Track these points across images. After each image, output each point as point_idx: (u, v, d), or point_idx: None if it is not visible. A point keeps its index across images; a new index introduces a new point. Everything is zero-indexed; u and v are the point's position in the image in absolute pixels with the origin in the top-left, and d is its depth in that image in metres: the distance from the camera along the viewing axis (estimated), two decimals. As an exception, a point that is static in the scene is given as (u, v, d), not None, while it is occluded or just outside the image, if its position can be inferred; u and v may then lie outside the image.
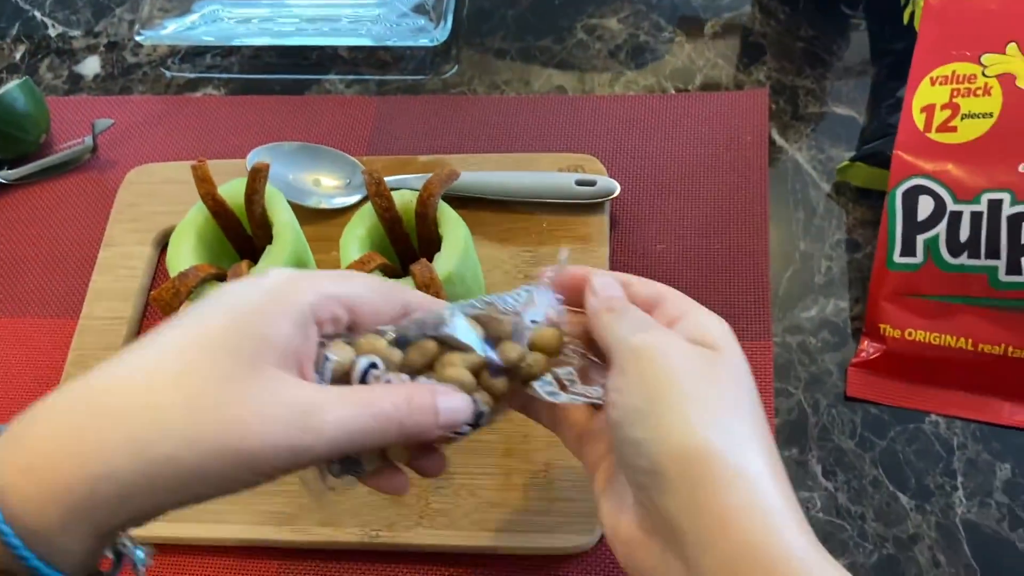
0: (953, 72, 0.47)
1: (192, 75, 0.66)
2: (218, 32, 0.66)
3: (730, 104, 0.58)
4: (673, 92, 0.60)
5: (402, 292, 0.34)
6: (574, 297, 0.36)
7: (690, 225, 0.54)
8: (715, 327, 0.33)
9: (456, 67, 0.64)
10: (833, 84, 0.59)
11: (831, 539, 0.45)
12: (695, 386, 0.30)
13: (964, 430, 0.47)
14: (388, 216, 0.46)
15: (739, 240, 0.54)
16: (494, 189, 0.55)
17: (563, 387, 0.35)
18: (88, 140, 0.61)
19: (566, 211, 0.54)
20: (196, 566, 0.47)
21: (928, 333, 0.46)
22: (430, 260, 0.45)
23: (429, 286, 0.41)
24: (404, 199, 0.46)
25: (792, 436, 0.48)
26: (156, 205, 0.58)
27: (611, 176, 0.55)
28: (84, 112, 0.65)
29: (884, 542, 0.45)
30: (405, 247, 0.49)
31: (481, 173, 0.55)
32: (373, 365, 0.32)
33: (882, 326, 0.47)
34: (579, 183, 0.54)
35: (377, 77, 0.64)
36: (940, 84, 0.47)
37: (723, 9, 0.63)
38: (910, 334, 0.47)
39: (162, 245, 0.57)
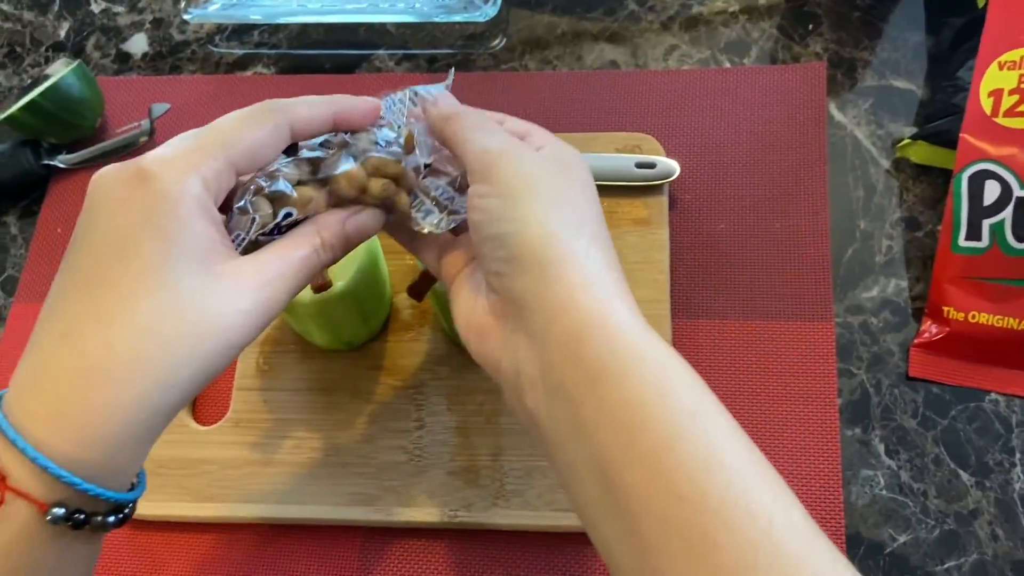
0: (1022, 58, 0.46)
1: (240, 51, 0.66)
2: (265, 9, 0.65)
3: (787, 78, 0.58)
4: (728, 66, 0.60)
5: (276, 113, 0.34)
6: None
7: (749, 204, 0.55)
8: (571, 152, 0.37)
9: (505, 41, 0.64)
10: (891, 56, 0.59)
11: (894, 516, 0.47)
12: (546, 188, 0.34)
13: (1023, 408, 0.48)
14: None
15: (799, 219, 0.54)
16: (554, 171, 0.55)
17: (442, 207, 0.38)
18: (145, 124, 0.62)
19: (624, 193, 0.55)
20: (284, 545, 0.50)
21: (992, 316, 0.47)
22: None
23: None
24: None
25: (855, 416, 0.49)
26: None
27: (667, 154, 0.56)
28: (136, 93, 0.65)
29: (945, 518, 0.47)
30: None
31: (540, 155, 0.56)
32: (288, 214, 0.35)
33: (945, 308, 0.48)
34: (639, 165, 0.54)
35: (427, 52, 0.64)
36: (1008, 69, 0.47)
37: (778, -23, 0.62)
38: (973, 317, 0.48)
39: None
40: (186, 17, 0.66)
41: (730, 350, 0.51)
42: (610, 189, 0.55)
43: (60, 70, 0.62)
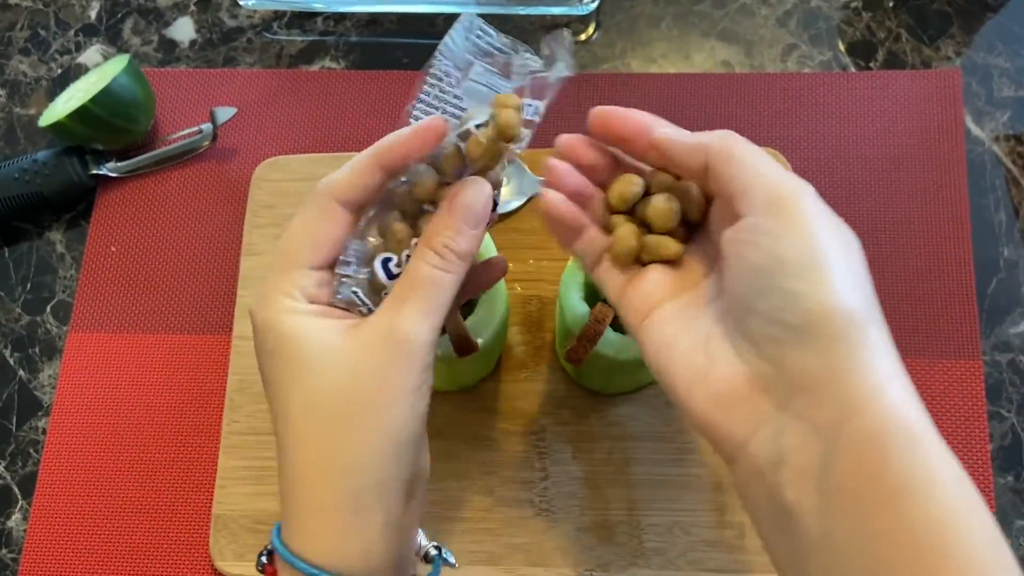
0: None
1: (301, 39, 0.60)
2: (332, -7, 0.59)
3: (919, 85, 0.54)
4: (853, 70, 0.56)
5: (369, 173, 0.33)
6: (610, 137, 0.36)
7: (880, 227, 0.52)
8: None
9: (600, 34, 0.58)
10: (1027, 61, 0.55)
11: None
12: (843, 248, 0.29)
13: None
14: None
15: (937, 245, 0.51)
16: (677, 192, 0.51)
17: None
18: (207, 128, 0.56)
19: (753, 215, 0.51)
20: (401, 607, 0.47)
21: None
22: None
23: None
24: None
25: (1007, 462, 0.47)
26: (294, 206, 0.54)
27: (793, 168, 0.52)
28: (188, 88, 0.59)
29: (1106, 573, 0.45)
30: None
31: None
32: (387, 259, 0.33)
33: (1109, 352, 0.46)
34: (773, 187, 0.50)
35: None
36: None
37: (902, -32, 0.58)
38: None
39: (307, 252, 0.53)
40: (243, 4, 0.59)
41: (874, 391, 0.49)
42: (737, 211, 0.51)
43: (104, 64, 0.56)
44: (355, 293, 0.33)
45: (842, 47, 0.56)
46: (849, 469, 0.27)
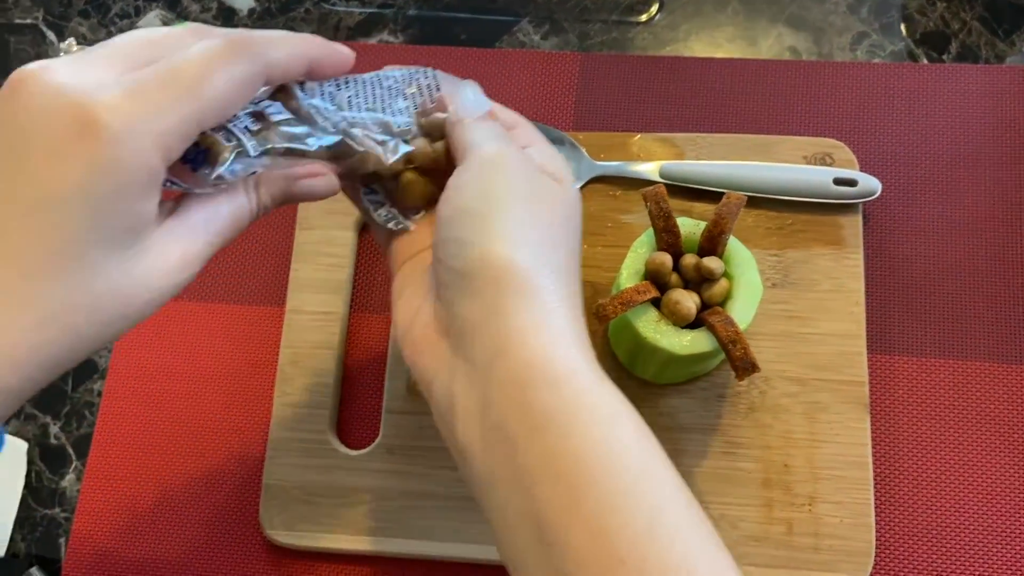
0: None
1: (360, 11, 0.60)
2: (393, -34, 0.59)
3: (995, 81, 0.54)
4: (926, 62, 0.55)
5: (251, 58, 0.30)
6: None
7: (952, 226, 0.51)
8: (559, 160, 0.36)
9: (664, 16, 0.58)
10: (1109, 58, 0.54)
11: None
12: (528, 206, 0.32)
13: None
14: (673, 253, 0.43)
15: (1012, 248, 0.51)
16: (737, 184, 0.51)
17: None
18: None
19: (814, 209, 0.51)
20: (445, 585, 0.48)
21: None
22: (699, 293, 0.42)
23: (736, 342, 0.39)
24: (686, 229, 0.43)
25: (1065, 472, 0.47)
26: (351, 181, 0.55)
27: (859, 163, 0.52)
28: (245, 58, 0.59)
29: None
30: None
31: (720, 164, 0.52)
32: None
33: None
34: (837, 182, 0.50)
35: (578, 25, 0.58)
36: None
37: (981, -43, 0.57)
38: None
39: (361, 228, 0.54)
40: (304, -27, 0.59)
41: (932, 392, 0.49)
42: (798, 204, 0.51)
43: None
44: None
45: (914, 38, 0.56)
46: (499, 409, 0.30)
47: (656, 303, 0.42)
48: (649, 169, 0.52)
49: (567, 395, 0.29)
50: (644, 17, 0.58)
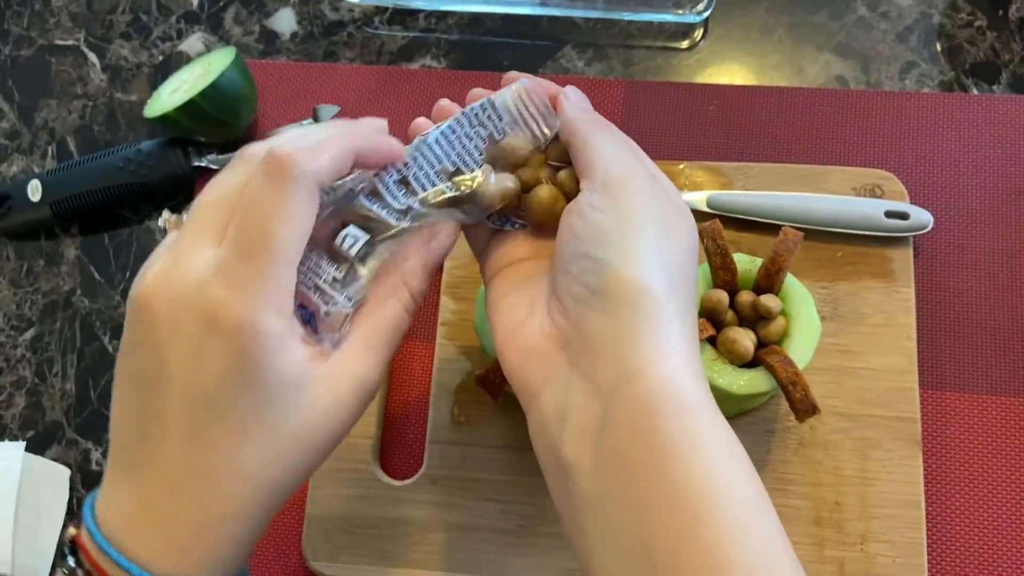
0: None
1: (403, 35, 0.60)
2: (436, -10, 0.59)
3: (1046, 113, 0.53)
4: (975, 92, 0.55)
5: (305, 185, 0.31)
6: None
7: (1004, 261, 0.51)
8: (677, 193, 0.36)
9: (710, 42, 0.58)
10: None
11: None
12: (662, 232, 0.32)
13: None
14: (729, 289, 0.42)
15: (1058, 281, 0.50)
16: (787, 215, 0.51)
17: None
18: (308, 125, 0.56)
19: (864, 241, 0.51)
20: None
21: None
22: (756, 331, 0.42)
23: (796, 384, 0.39)
24: (742, 265, 0.43)
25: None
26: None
27: (908, 194, 0.51)
28: (288, 81, 0.59)
29: None
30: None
31: (769, 195, 0.51)
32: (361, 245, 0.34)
33: None
34: (889, 214, 0.50)
35: (622, 50, 0.58)
36: None
37: (1032, -14, 0.56)
38: None
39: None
40: (348, -2, 0.60)
41: (984, 430, 0.48)
42: (848, 236, 0.51)
43: (208, 55, 0.57)
44: (327, 313, 0.33)
45: (964, 68, 0.55)
46: (621, 431, 0.29)
47: (712, 340, 0.42)
48: (697, 199, 0.52)
49: (691, 425, 0.29)
50: (688, 43, 0.58)
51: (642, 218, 0.32)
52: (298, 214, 0.30)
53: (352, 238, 0.34)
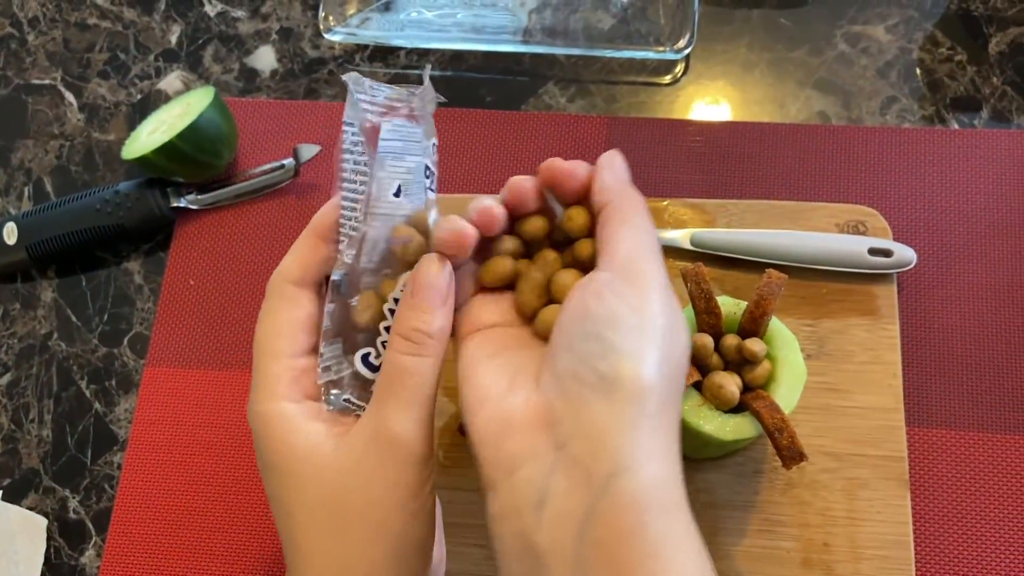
0: None
1: (384, 71, 0.60)
2: (418, 28, 0.59)
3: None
4: (956, 127, 0.55)
5: (291, 297, 0.35)
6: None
7: (988, 297, 0.51)
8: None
9: (691, 79, 0.58)
10: None
11: None
12: (671, 336, 0.32)
13: None
14: (713, 333, 0.42)
15: (1043, 317, 0.50)
16: (770, 253, 0.51)
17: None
18: (290, 164, 0.56)
19: (848, 278, 0.51)
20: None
21: None
22: (740, 374, 0.42)
23: (782, 430, 0.39)
24: (726, 309, 0.43)
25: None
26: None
27: (892, 230, 0.51)
28: (269, 119, 0.59)
29: None
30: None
31: (752, 233, 0.51)
32: (366, 354, 0.34)
33: None
34: (872, 252, 0.50)
35: (604, 86, 0.58)
36: None
37: (1008, 22, 0.57)
38: None
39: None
40: (328, 36, 0.59)
41: (973, 467, 0.48)
42: (833, 274, 0.51)
43: (187, 95, 0.57)
44: (347, 401, 0.34)
45: (944, 102, 0.56)
46: (610, 524, 0.29)
47: (697, 385, 0.42)
48: (679, 237, 0.52)
49: (675, 527, 0.29)
50: (669, 79, 0.58)
51: (656, 317, 0.31)
52: (270, 312, 0.34)
53: (333, 355, 0.35)
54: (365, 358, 0.34)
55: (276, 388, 0.33)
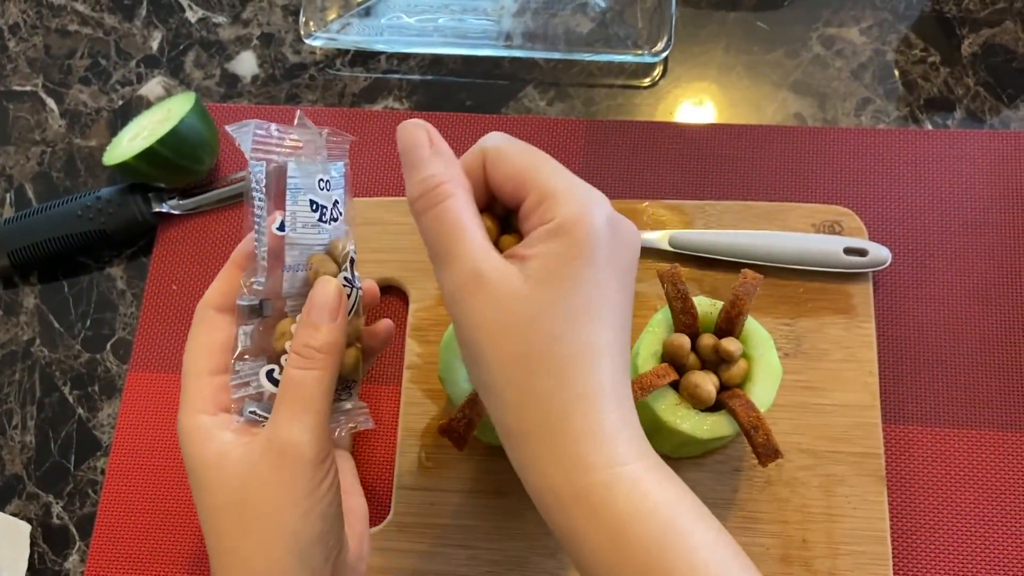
0: None
1: (364, 76, 0.61)
2: (398, 33, 0.60)
3: (1001, 147, 0.54)
4: (930, 127, 0.56)
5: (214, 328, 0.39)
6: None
7: (962, 294, 0.52)
8: (629, 228, 0.34)
9: (668, 82, 0.59)
10: (1111, 123, 0.55)
11: None
12: (611, 279, 0.32)
13: None
14: (690, 333, 0.43)
15: (1018, 313, 0.51)
16: (747, 253, 0.51)
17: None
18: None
19: (824, 277, 0.52)
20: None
21: None
22: (717, 373, 0.42)
23: (758, 428, 0.39)
24: (702, 309, 0.43)
25: (1083, 543, 0.47)
26: (359, 251, 0.54)
27: (867, 230, 0.52)
28: (249, 126, 0.59)
29: None
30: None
31: (730, 233, 0.52)
32: (270, 371, 0.38)
33: None
34: (848, 251, 0.51)
35: (583, 89, 0.59)
36: None
37: (981, 23, 0.58)
38: None
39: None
40: (309, 42, 0.60)
41: (949, 463, 0.49)
42: (808, 273, 0.52)
43: (168, 101, 0.57)
44: (253, 413, 0.37)
45: (918, 103, 0.56)
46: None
47: (675, 385, 0.42)
48: (658, 238, 0.53)
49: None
50: (648, 82, 0.59)
51: (596, 266, 0.31)
52: (194, 335, 0.38)
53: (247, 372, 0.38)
54: (269, 374, 0.38)
55: (196, 403, 0.37)
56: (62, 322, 0.57)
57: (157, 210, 0.57)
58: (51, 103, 0.62)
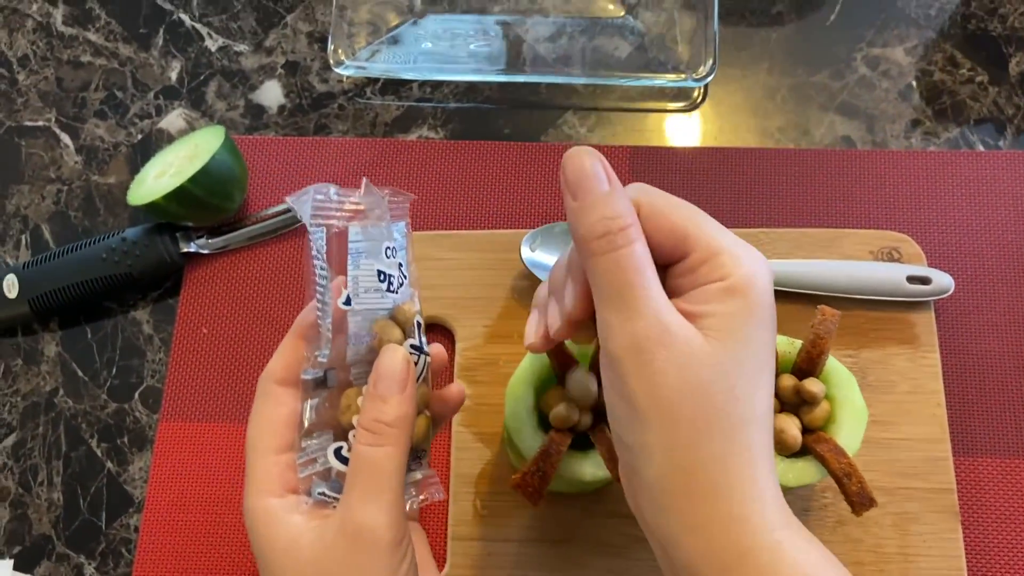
0: None
1: (396, 104, 0.58)
2: (430, 60, 0.58)
3: (1053, 168, 0.54)
4: (982, 148, 0.55)
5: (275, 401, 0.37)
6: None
7: (1019, 318, 0.51)
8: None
9: (711, 106, 0.57)
10: None
11: None
12: (766, 343, 0.32)
13: None
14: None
15: (1080, 339, 0.50)
16: (807, 283, 0.50)
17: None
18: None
19: (884, 306, 0.50)
20: None
21: None
22: (799, 416, 0.41)
23: (851, 476, 0.38)
24: (780, 348, 0.42)
25: None
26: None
27: (926, 257, 0.51)
28: (278, 157, 0.57)
29: None
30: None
31: (789, 263, 0.51)
32: (338, 448, 0.35)
33: None
34: (911, 279, 0.49)
35: (624, 113, 0.57)
36: None
37: (1027, 40, 0.57)
38: None
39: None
40: (338, 71, 0.58)
41: (1021, 495, 0.48)
42: (868, 302, 0.50)
43: (194, 135, 0.54)
44: (322, 494, 0.35)
45: (968, 124, 0.55)
46: None
47: (755, 430, 0.41)
48: (713, 269, 0.51)
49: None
50: (687, 104, 0.58)
51: (768, 331, 0.31)
52: (257, 411, 0.37)
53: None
54: (338, 451, 0.35)
55: (262, 484, 0.35)
56: (86, 370, 0.54)
57: (185, 250, 0.54)
58: (66, 138, 0.60)
